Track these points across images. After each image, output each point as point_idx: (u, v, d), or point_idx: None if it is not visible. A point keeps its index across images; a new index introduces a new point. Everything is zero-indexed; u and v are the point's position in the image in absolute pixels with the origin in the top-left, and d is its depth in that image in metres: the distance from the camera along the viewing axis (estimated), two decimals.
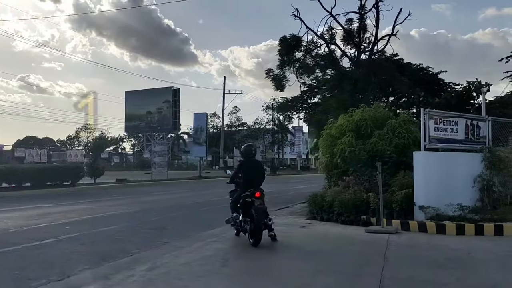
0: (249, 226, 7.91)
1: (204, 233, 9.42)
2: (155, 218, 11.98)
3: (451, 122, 10.14)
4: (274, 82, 19.14)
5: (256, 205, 7.84)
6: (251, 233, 7.87)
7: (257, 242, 7.69)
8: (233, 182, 8.88)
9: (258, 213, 7.77)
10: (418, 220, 9.27)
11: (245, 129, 77.70)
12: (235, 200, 8.64)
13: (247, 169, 8.52)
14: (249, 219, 7.94)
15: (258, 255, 7.28)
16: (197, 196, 19.37)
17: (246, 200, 8.06)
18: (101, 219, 11.88)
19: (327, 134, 13.57)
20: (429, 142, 9.67)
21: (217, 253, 7.48)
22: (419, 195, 9.40)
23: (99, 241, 8.70)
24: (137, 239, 8.90)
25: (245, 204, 8.09)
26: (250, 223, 7.91)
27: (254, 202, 7.90)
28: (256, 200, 7.90)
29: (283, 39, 18.21)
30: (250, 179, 8.36)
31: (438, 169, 9.61)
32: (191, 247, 7.99)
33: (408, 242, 8.01)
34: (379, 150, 11.72)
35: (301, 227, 10.22)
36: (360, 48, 17.72)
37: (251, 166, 8.60)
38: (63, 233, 9.28)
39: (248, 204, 8.01)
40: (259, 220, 7.72)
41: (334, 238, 8.75)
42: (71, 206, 14.83)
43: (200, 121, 38.13)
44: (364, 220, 10.17)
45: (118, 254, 7.37)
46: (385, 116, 12.92)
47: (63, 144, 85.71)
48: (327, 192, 11.42)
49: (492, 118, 11.10)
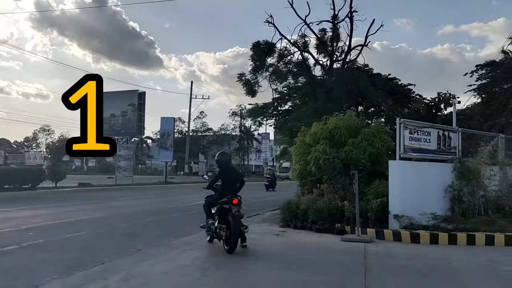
0: (225, 233, 7.79)
1: (178, 241, 9.17)
2: (125, 224, 11.55)
3: (424, 132, 10.32)
4: (245, 87, 19.02)
5: (233, 212, 7.75)
6: (227, 240, 7.76)
7: (232, 249, 7.61)
8: (211, 188, 8.70)
9: (235, 220, 7.67)
10: (392, 229, 9.34)
11: (210, 134, 77.11)
12: (209, 204, 8.55)
13: (225, 176, 8.46)
14: (225, 226, 7.82)
15: (238, 264, 7.09)
16: (165, 202, 18.93)
17: (223, 207, 7.95)
18: (67, 225, 11.34)
19: (301, 142, 13.55)
20: (404, 152, 9.78)
21: (194, 262, 7.25)
22: (394, 204, 9.48)
23: (67, 248, 8.25)
24: (108, 246, 8.52)
25: (222, 210, 7.99)
26: (226, 230, 7.79)
27: (231, 208, 7.80)
28: (233, 207, 7.79)
29: (256, 44, 18.17)
30: (228, 185, 8.31)
31: (412, 178, 9.74)
32: (167, 255, 7.73)
33: (386, 251, 8.02)
34: (353, 159, 11.78)
35: (276, 235, 10.11)
36: (333, 57, 17.91)
37: (228, 173, 8.56)
38: (26, 240, 8.74)
39: (225, 210, 7.91)
40: (236, 228, 7.62)
41: (312, 247, 8.68)
42: (33, 211, 14.12)
43: (167, 125, 37.45)
44: (338, 228, 10.15)
45: (88, 263, 7.00)
46: (359, 124, 13.03)
47: (20, 145, 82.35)
48: (301, 200, 11.36)
49: (462, 130, 11.39)
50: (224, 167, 8.63)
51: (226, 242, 7.78)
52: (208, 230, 8.51)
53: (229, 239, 7.69)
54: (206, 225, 8.53)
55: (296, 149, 13.61)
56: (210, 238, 8.63)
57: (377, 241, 8.99)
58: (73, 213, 13.88)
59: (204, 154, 76.89)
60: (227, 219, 7.81)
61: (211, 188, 8.73)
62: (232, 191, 8.16)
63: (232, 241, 7.61)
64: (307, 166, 12.84)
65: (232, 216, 7.72)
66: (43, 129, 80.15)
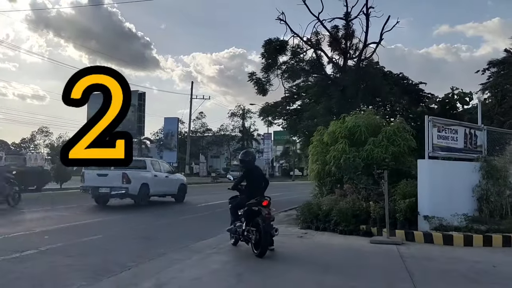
0: (254, 236, 7.49)
1: (198, 244, 8.85)
2: (140, 227, 11.20)
3: (452, 130, 10.01)
4: (256, 86, 18.69)
5: (263, 215, 7.42)
6: (256, 244, 7.46)
7: (263, 254, 7.30)
8: (236, 188, 8.40)
9: (266, 223, 7.37)
10: (422, 230, 9.02)
11: (210, 135, 76.68)
12: (236, 206, 8.20)
13: (251, 176, 8.16)
14: (254, 229, 7.52)
15: (273, 269, 6.73)
16: (173, 204, 18.54)
17: (252, 209, 7.64)
18: (81, 227, 11.00)
19: (318, 141, 13.25)
20: (433, 150, 9.47)
21: (224, 267, 6.93)
22: (423, 204, 9.16)
23: (88, 253, 7.90)
24: (129, 250, 8.19)
25: (250, 212, 7.68)
26: (255, 233, 7.48)
27: (261, 211, 7.48)
28: (263, 209, 7.47)
29: (268, 41, 17.82)
30: (254, 186, 8.03)
31: (441, 177, 9.43)
32: (192, 259, 7.39)
33: (421, 254, 7.69)
34: (374, 158, 11.48)
35: (299, 237, 9.78)
36: (346, 55, 17.58)
37: (254, 173, 8.24)
38: (44, 244, 8.39)
39: (254, 212, 7.60)
40: (267, 231, 7.33)
41: (341, 249, 8.35)
42: (43, 213, 13.74)
43: (170, 126, 37.05)
44: (364, 230, 9.84)
45: (114, 268, 6.67)
46: (379, 123, 12.75)
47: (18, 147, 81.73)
48: (323, 201, 11.02)
49: (487, 128, 11.10)
50: (249, 167, 8.28)
51: (255, 245, 7.48)
52: (234, 232, 8.20)
53: (258, 243, 7.39)
54: (234, 227, 8.13)
55: (313, 148, 13.30)
56: (234, 241, 8.34)
57: (408, 243, 8.66)
58: (84, 215, 13.53)
59: (204, 155, 76.50)
60: (256, 222, 7.51)
61: (236, 189, 8.42)
62: (259, 192, 7.86)
63: (262, 245, 7.30)
64: (325, 166, 12.54)
65: (262, 218, 7.41)
66: (42, 130, 79.59)
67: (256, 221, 7.50)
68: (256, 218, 7.51)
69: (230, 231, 8.33)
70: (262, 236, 7.29)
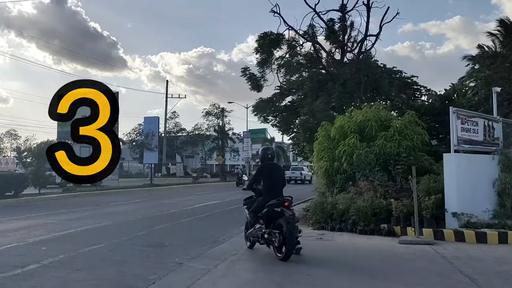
0: (277, 239, 7.01)
1: (215, 250, 8.18)
2: (141, 233, 10.32)
3: (473, 122, 9.62)
4: (250, 81, 17.97)
5: (287, 216, 6.94)
6: (279, 247, 7.02)
7: (288, 257, 6.86)
8: (251, 188, 7.89)
9: (291, 225, 6.88)
10: (451, 228, 8.56)
11: (184, 135, 75.24)
12: (255, 209, 7.55)
13: (268, 175, 7.57)
14: (277, 231, 7.03)
15: (312, 277, 6.07)
16: (163, 206, 17.64)
17: (275, 210, 7.10)
18: (76, 235, 10.06)
19: (323, 137, 12.70)
20: (457, 143, 9.03)
21: (258, 276, 6.26)
22: (451, 200, 8.71)
23: (96, 265, 7.04)
24: (141, 260, 7.36)
25: (272, 213, 7.15)
26: (278, 235, 7.00)
27: (284, 212, 6.99)
28: (286, 211, 6.99)
29: (263, 35, 17.09)
30: (273, 185, 7.46)
31: (468, 172, 9.02)
32: (217, 268, 6.68)
33: (462, 254, 7.20)
34: (387, 153, 11.02)
35: (319, 239, 9.19)
36: (344, 48, 17.09)
37: (272, 171, 7.63)
38: (44, 256, 7.47)
39: (277, 214, 7.08)
40: (292, 233, 6.85)
41: (372, 251, 7.78)
42: (28, 220, 12.65)
43: (151, 125, 35.68)
44: (386, 229, 9.34)
45: (135, 282, 5.92)
46: (388, 116, 12.30)
47: None
48: (337, 199, 10.44)
49: (502, 120, 10.79)
50: (267, 164, 7.74)
51: (278, 249, 7.04)
52: (254, 236, 7.59)
53: (281, 246, 6.97)
54: (255, 231, 7.43)
55: (318, 144, 12.73)
56: (251, 244, 7.93)
57: (439, 242, 8.19)
58: (74, 222, 12.50)
59: (180, 155, 75.09)
60: (278, 223, 7.04)
61: (250, 189, 7.93)
62: (279, 192, 7.36)
63: (288, 248, 6.84)
64: (333, 162, 12.00)
65: (285, 220, 6.91)
66: (10, 133, 76.14)
67: (279, 223, 7.03)
68: (279, 219, 7.03)
69: (252, 236, 7.67)
70: (288, 238, 6.82)
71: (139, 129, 68.03)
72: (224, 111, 60.38)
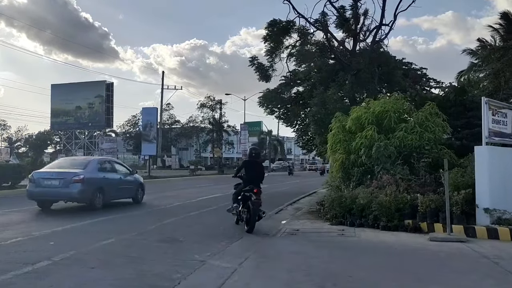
0: (246, 216, 9.22)
1: (234, 247, 7.88)
2: (151, 227, 9.82)
3: (502, 114, 9.19)
4: (258, 71, 17.42)
5: (253, 199, 9.00)
6: (247, 222, 9.19)
7: (251, 229, 9.03)
8: (237, 176, 9.93)
9: (254, 206, 8.97)
10: (482, 224, 8.16)
11: (179, 127, 74.54)
12: (237, 192, 9.77)
13: (248, 168, 9.77)
14: (246, 210, 9.18)
15: (354, 279, 5.62)
16: (167, 199, 17.15)
17: (245, 194, 9.25)
18: (84, 229, 9.57)
19: (338, 128, 12.24)
20: (489, 136, 8.61)
21: (294, 277, 5.77)
22: (482, 196, 8.29)
23: (112, 262, 6.55)
24: (159, 257, 6.88)
25: (244, 197, 9.31)
26: (247, 213, 9.16)
27: (251, 196, 9.06)
28: (253, 195, 9.04)
29: (272, 23, 16.51)
30: (249, 176, 9.60)
31: (500, 166, 8.59)
32: (243, 267, 6.25)
33: (504, 253, 6.81)
34: (407, 146, 10.61)
35: (340, 235, 8.76)
36: (357, 37, 16.58)
37: (251, 166, 9.78)
38: (54, 252, 6.94)
39: (247, 197, 9.19)
40: (254, 212, 8.97)
41: (403, 250, 7.38)
42: (30, 213, 12.13)
43: (149, 116, 34.94)
44: (411, 225, 8.92)
45: (159, 281, 5.45)
46: (407, 108, 11.87)
47: None
48: (357, 193, 10.00)
49: None
50: (250, 160, 9.95)
51: (247, 223, 9.20)
52: (236, 213, 9.79)
53: (248, 221, 9.09)
54: (232, 208, 9.81)
55: (333, 137, 12.28)
56: (236, 220, 9.96)
57: (471, 240, 7.79)
58: (77, 215, 11.99)
59: (175, 147, 74.43)
60: (247, 205, 9.11)
61: (236, 177, 9.97)
62: (254, 181, 9.39)
63: (251, 223, 9.03)
64: (350, 155, 11.56)
65: (252, 202, 8.98)
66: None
67: (247, 204, 9.12)
68: (248, 202, 9.10)
69: (230, 211, 9.97)
70: (251, 216, 8.98)
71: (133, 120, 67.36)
72: (221, 103, 59.44)
